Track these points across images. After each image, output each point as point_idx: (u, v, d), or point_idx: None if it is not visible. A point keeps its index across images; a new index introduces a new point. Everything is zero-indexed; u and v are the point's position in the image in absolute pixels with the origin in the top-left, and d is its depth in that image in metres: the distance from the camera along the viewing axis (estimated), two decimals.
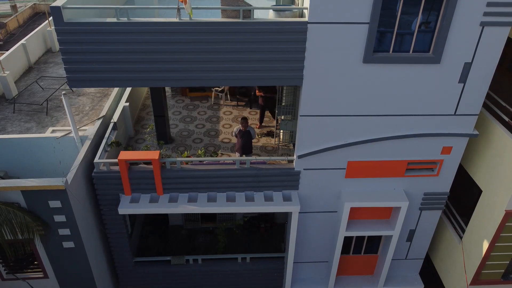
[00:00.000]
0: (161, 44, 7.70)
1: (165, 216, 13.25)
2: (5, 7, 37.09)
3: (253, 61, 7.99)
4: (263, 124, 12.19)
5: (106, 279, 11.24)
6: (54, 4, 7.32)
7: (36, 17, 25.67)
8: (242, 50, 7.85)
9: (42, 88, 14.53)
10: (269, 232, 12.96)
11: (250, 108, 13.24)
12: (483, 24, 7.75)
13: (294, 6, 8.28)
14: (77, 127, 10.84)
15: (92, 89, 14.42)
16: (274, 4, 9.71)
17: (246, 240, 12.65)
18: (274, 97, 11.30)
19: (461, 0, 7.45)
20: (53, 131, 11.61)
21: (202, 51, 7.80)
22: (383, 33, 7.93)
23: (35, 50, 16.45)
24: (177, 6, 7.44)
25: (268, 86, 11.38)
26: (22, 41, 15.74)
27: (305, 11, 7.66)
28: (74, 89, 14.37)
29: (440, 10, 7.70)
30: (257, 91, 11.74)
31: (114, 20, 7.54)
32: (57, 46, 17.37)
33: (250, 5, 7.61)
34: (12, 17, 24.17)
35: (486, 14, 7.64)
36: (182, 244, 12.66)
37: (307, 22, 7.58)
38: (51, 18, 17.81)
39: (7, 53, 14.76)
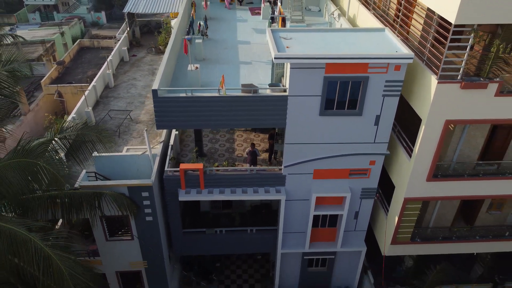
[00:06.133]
0: (209, 106, 14.21)
1: (197, 204, 19.75)
2: (42, 33, 43.42)
3: (259, 114, 14.52)
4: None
5: (165, 244, 17.73)
6: (153, 87, 13.82)
7: (82, 51, 32.14)
8: (253, 109, 14.38)
9: (111, 117, 21.04)
10: (267, 214, 19.48)
11: (255, 132, 19.77)
12: (384, 95, 14.30)
13: (281, 86, 14.81)
14: (145, 146, 17.29)
15: (145, 118, 20.96)
16: (270, 74, 16.32)
17: (253, 219, 19.16)
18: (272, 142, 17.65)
19: (370, 84, 13.98)
20: (127, 150, 18.13)
21: (232, 110, 14.33)
22: (330, 99, 14.42)
23: (100, 88, 22.96)
24: (217, 88, 13.99)
25: (272, 136, 17.61)
26: (93, 82, 22.25)
27: (287, 90, 14.19)
28: (133, 116, 20.90)
29: (360, 88, 14.21)
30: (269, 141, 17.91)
31: (184, 95, 14.07)
32: (113, 83, 23.90)
33: (257, 87, 14.15)
34: (66, 54, 30.63)
35: (385, 90, 14.19)
36: (210, 223, 19.14)
37: (287, 96, 14.12)
38: (109, 59, 24.31)
39: (86, 93, 21.23)
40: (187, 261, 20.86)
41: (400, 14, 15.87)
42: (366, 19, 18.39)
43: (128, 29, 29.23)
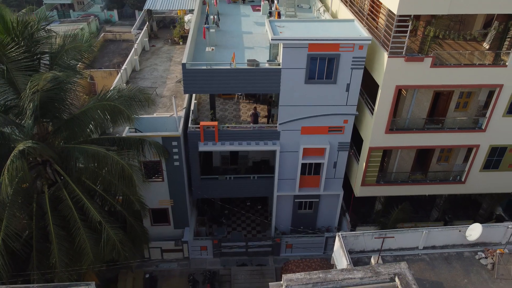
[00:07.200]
0: (224, 76, 19.31)
1: (210, 161, 24.84)
2: (63, 29, 48.33)
3: (259, 82, 19.64)
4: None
5: (187, 187, 22.81)
6: (183, 61, 18.90)
7: (106, 43, 37.22)
8: (255, 78, 19.49)
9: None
10: (265, 169, 24.57)
11: (256, 103, 24.86)
12: (352, 68, 19.42)
13: (276, 62, 19.92)
14: (172, 112, 22.35)
15: (168, 94, 26.05)
16: (268, 54, 21.45)
17: (254, 172, 24.26)
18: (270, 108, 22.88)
19: (341, 60, 19.09)
20: (156, 114, 23.20)
21: (240, 79, 19.43)
22: (312, 71, 19.51)
23: (129, 70, 28.02)
24: (229, 62, 19.11)
25: (270, 103, 22.84)
26: (124, 66, 27.30)
27: (280, 64, 19.29)
28: (158, 92, 25.99)
29: (334, 62, 19.31)
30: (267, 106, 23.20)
31: (205, 67, 19.17)
32: (139, 67, 28.99)
33: (258, 62, 19.27)
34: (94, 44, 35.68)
35: (352, 64, 19.31)
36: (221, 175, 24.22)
37: (281, 68, 19.24)
38: (135, 47, 29.33)
39: (119, 74, 26.27)
40: (202, 207, 25.97)
41: (366, 9, 21.03)
42: (345, 14, 23.53)
43: (147, 23, 34.26)
